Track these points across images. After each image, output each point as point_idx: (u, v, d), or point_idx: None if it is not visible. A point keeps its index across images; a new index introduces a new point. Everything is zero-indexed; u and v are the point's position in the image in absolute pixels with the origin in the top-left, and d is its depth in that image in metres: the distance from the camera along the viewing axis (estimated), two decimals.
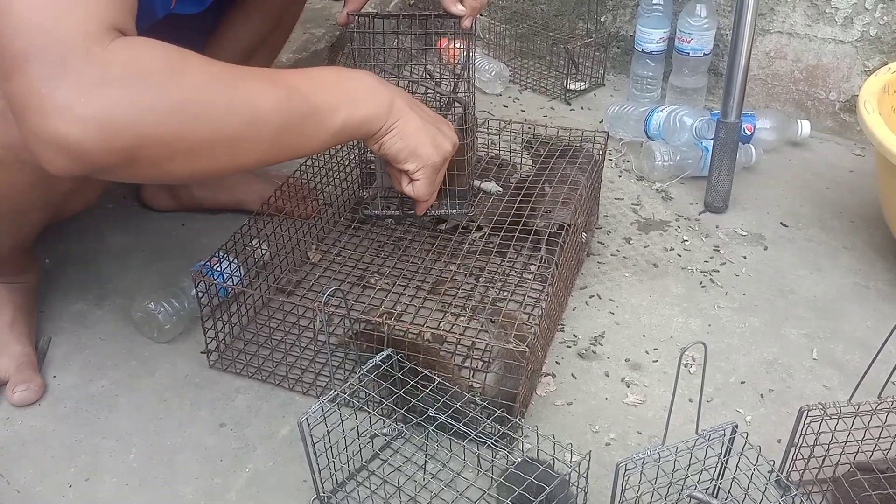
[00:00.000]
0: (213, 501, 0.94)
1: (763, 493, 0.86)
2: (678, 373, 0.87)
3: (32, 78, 0.66)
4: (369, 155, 1.17)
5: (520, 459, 0.90)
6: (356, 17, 1.07)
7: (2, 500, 0.94)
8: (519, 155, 1.41)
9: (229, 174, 0.83)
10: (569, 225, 1.14)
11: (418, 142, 0.92)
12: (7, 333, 1.08)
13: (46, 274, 1.25)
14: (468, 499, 0.93)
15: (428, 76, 1.20)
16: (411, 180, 0.96)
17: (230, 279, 1.11)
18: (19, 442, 1.00)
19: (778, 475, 0.91)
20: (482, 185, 1.31)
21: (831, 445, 0.90)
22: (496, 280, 1.24)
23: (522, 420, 1.01)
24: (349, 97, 0.86)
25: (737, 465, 0.87)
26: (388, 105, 0.89)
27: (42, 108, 0.67)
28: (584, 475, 0.84)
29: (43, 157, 0.69)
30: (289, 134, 0.82)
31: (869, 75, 1.37)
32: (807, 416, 0.88)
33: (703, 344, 0.86)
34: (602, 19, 1.85)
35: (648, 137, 1.58)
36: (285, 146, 0.83)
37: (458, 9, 1.02)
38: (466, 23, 1.03)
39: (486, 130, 1.38)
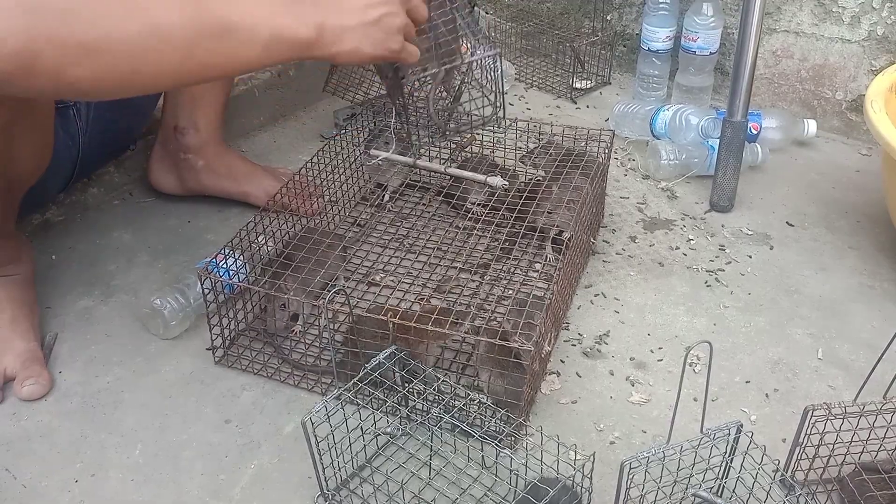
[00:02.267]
0: (217, 498, 0.94)
1: (768, 493, 0.86)
2: (683, 372, 0.87)
3: None
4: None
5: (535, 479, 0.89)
6: None
7: (8, 494, 0.94)
8: (521, 164, 1.41)
9: (145, 90, 0.83)
10: (568, 239, 1.13)
11: (371, 50, 0.89)
12: (9, 330, 1.08)
13: (52, 270, 1.25)
14: (472, 496, 0.93)
15: None
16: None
17: (236, 276, 1.11)
18: (25, 437, 1.01)
19: (783, 475, 0.91)
20: (488, 180, 1.31)
21: (836, 445, 0.90)
22: (501, 279, 1.24)
23: (527, 419, 1.01)
24: (271, 16, 0.83)
25: (741, 465, 0.87)
26: (317, 30, 0.85)
27: None
28: (589, 475, 0.84)
29: None
30: (202, 51, 0.80)
31: (876, 75, 1.36)
32: (811, 415, 0.88)
33: (709, 343, 0.86)
34: (608, 17, 1.85)
35: (654, 136, 1.57)
36: (202, 63, 0.81)
37: None
38: None
39: (492, 129, 1.37)
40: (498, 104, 1.20)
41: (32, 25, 0.69)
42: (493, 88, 1.19)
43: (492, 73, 1.18)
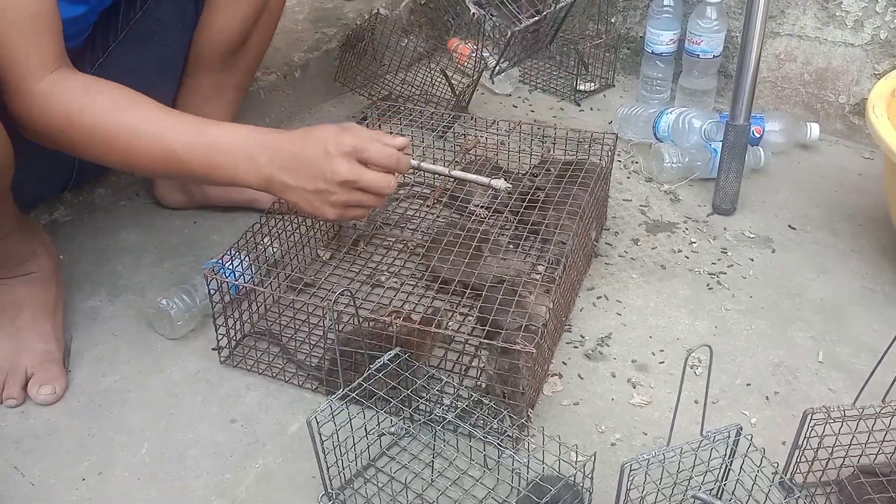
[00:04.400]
0: (223, 496, 0.95)
1: (767, 495, 0.87)
2: (683, 374, 0.88)
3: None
4: None
5: (537, 476, 0.90)
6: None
7: (16, 492, 0.95)
8: (526, 165, 1.41)
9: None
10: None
11: (308, 210, 0.99)
12: (28, 331, 1.09)
13: (60, 270, 1.26)
14: (475, 497, 0.94)
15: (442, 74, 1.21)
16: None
17: (241, 277, 1.12)
18: (33, 435, 1.02)
19: (782, 477, 0.91)
20: (492, 182, 1.32)
21: (835, 448, 0.90)
22: (503, 280, 1.25)
23: (529, 420, 1.02)
24: (226, 169, 0.97)
25: (741, 467, 0.88)
26: (265, 182, 0.98)
27: (11, 112, 0.95)
28: (590, 475, 0.85)
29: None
30: (171, 179, 1.12)
31: (878, 79, 1.37)
32: (811, 418, 0.88)
33: (709, 346, 0.87)
34: (612, 20, 1.86)
35: (657, 139, 1.58)
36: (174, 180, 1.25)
37: None
38: None
39: (495, 131, 1.39)
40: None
41: (52, 137, 0.97)
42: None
43: None
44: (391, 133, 1.33)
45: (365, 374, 0.94)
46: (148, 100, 0.98)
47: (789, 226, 1.42)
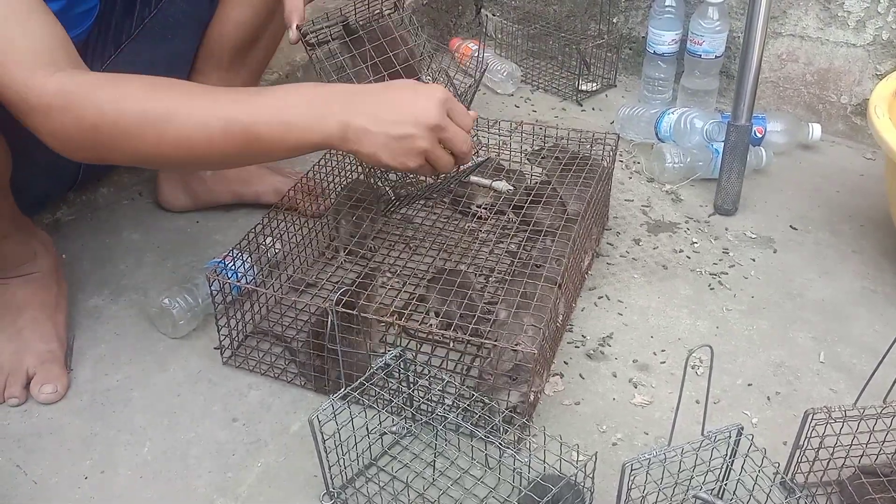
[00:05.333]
0: (225, 495, 0.96)
1: (768, 495, 0.87)
2: (684, 374, 0.89)
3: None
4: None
5: (538, 476, 0.90)
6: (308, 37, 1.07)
7: (19, 491, 0.96)
8: (527, 161, 1.41)
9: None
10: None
11: (388, 159, 0.89)
12: (30, 331, 1.09)
13: (62, 269, 1.26)
14: (476, 496, 0.94)
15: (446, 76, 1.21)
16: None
17: (243, 278, 1.12)
18: (36, 434, 1.02)
19: (783, 477, 0.92)
20: (493, 184, 1.32)
21: (836, 449, 0.90)
22: (505, 280, 1.25)
23: (530, 420, 1.02)
24: (295, 123, 0.87)
25: (742, 467, 0.88)
26: (341, 130, 0.87)
27: (17, 110, 0.85)
28: (591, 475, 0.85)
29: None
30: (230, 159, 0.92)
31: (880, 79, 1.37)
32: (812, 419, 0.89)
33: (710, 347, 0.87)
34: (614, 20, 1.86)
35: (659, 139, 1.58)
36: (236, 162, 1.03)
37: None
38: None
39: (497, 132, 1.39)
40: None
41: (92, 139, 0.85)
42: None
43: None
44: None
45: (367, 373, 0.94)
46: (185, 81, 0.90)
47: (791, 226, 1.42)
